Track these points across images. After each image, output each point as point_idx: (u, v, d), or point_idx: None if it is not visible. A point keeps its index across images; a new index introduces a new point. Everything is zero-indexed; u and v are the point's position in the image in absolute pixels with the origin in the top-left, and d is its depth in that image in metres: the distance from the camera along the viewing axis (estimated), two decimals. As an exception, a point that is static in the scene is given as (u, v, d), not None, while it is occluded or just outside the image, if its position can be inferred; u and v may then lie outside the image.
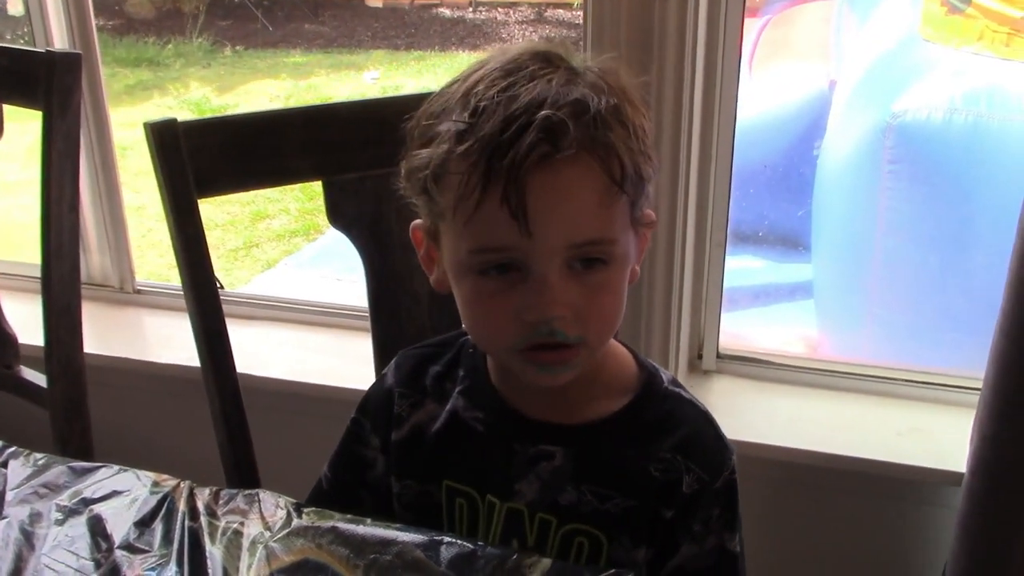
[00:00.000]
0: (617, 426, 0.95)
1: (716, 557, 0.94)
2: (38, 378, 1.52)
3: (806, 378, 1.72)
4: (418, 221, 0.96)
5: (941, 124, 1.91)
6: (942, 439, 1.55)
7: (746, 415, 1.63)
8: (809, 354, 1.85)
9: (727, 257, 1.68)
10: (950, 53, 2.09)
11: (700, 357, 1.73)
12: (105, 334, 1.85)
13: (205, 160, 1.15)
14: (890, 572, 1.62)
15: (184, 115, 1.13)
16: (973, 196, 1.90)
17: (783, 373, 1.73)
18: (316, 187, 1.23)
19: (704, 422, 0.97)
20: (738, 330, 1.80)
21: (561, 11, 6.04)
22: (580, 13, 1.59)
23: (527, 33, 5.91)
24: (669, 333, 1.64)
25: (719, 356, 1.74)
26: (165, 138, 1.13)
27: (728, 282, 1.70)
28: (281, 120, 1.23)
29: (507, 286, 0.86)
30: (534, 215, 0.82)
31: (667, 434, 0.94)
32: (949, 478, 1.47)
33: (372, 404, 1.06)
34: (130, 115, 4.19)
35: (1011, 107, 1.91)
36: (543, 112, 0.81)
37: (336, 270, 3.53)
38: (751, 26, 2.66)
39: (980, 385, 1.39)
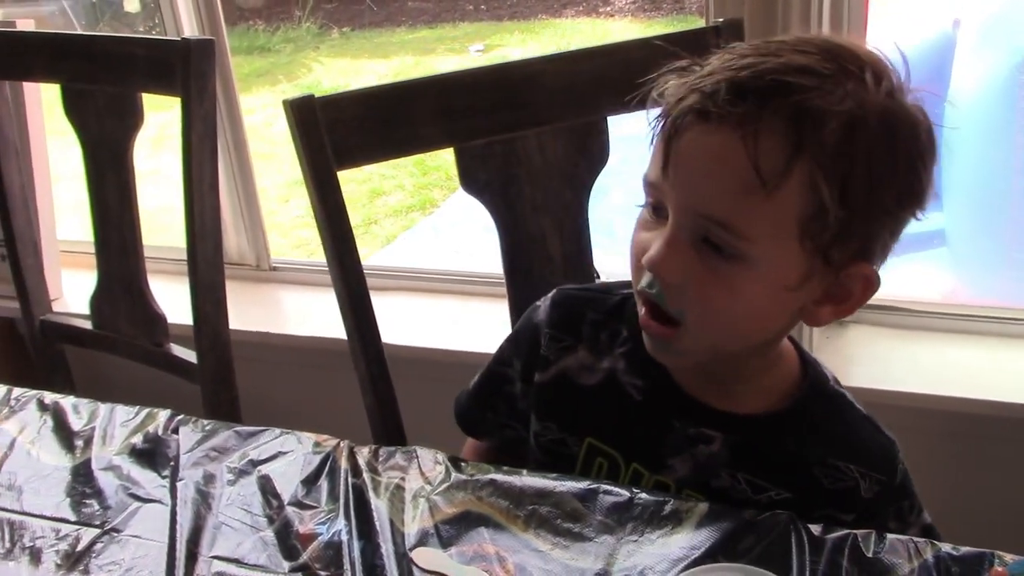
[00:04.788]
0: (783, 423, 0.94)
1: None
2: (188, 354, 1.59)
3: (944, 324, 1.68)
4: None
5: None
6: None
7: (886, 364, 1.59)
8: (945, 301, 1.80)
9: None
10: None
11: (834, 308, 1.70)
12: (246, 310, 1.92)
13: (342, 132, 1.19)
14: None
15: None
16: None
17: (921, 320, 1.69)
18: (431, 162, 1.26)
19: (867, 423, 0.97)
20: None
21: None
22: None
23: (630, 1, 5.81)
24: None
25: (855, 306, 1.71)
26: (304, 113, 1.17)
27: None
28: (412, 89, 1.25)
29: (654, 225, 0.88)
30: (674, 167, 0.84)
31: (832, 437, 0.94)
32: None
33: (521, 336, 1.09)
34: (247, 102, 4.30)
35: None
36: (728, 74, 0.81)
37: (453, 242, 3.57)
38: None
39: None
